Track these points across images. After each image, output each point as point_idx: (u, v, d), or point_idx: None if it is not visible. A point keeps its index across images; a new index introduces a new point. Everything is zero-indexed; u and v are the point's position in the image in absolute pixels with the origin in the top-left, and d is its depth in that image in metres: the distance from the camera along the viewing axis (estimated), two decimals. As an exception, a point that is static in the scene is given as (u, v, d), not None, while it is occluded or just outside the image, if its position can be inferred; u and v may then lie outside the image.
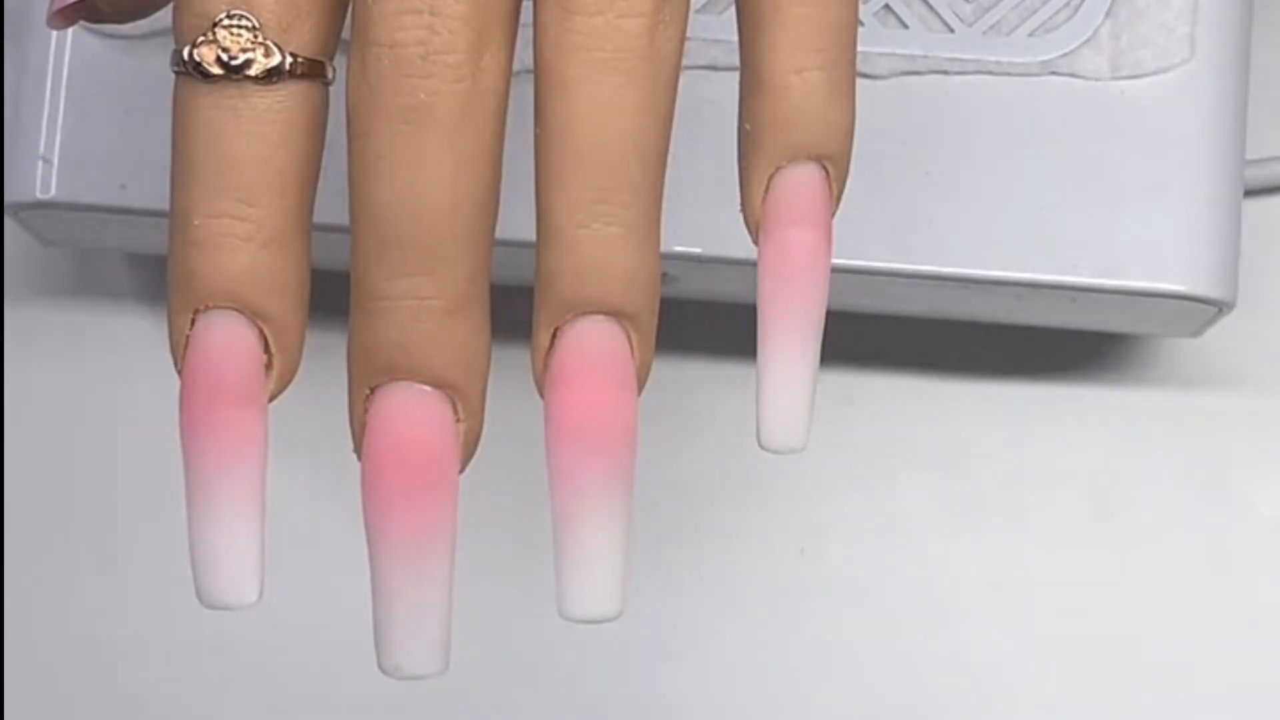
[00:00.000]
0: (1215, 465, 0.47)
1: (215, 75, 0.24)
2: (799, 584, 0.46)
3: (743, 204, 0.26)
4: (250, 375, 0.25)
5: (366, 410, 0.25)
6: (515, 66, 0.25)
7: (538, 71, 0.24)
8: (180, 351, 0.25)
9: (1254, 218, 0.43)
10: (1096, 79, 0.40)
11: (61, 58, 0.41)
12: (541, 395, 0.25)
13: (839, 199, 0.26)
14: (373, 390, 0.24)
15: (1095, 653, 0.46)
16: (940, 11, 0.41)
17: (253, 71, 0.24)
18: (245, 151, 0.24)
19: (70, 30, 0.40)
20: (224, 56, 0.24)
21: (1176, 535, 0.47)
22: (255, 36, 0.24)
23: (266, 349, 0.25)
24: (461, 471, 0.25)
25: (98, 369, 0.48)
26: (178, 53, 0.24)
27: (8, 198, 0.41)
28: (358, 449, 0.25)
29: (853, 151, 0.26)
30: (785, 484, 0.47)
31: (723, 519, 0.47)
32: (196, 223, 0.24)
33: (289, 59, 0.24)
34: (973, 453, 0.47)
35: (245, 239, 0.24)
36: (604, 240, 0.24)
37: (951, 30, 0.41)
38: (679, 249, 0.40)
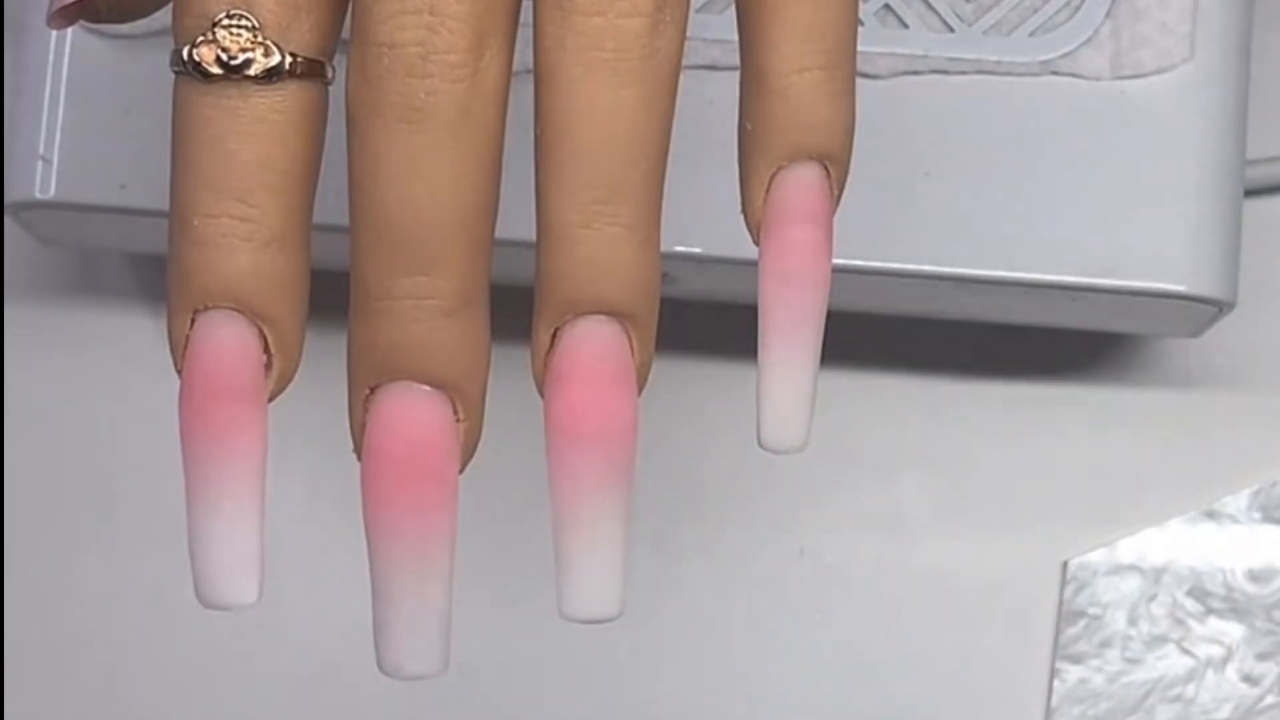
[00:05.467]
0: (1215, 465, 0.47)
1: (215, 75, 0.24)
2: (799, 584, 0.46)
3: (743, 204, 0.26)
4: (250, 375, 0.25)
5: (366, 410, 0.25)
6: (515, 66, 0.25)
7: (538, 71, 0.24)
8: (180, 351, 0.25)
9: (1254, 218, 0.43)
10: (1097, 79, 0.40)
11: (61, 58, 0.41)
12: (541, 395, 0.25)
13: (839, 198, 0.26)
14: (372, 390, 0.24)
15: (1095, 653, 0.46)
16: (940, 11, 0.41)
17: (252, 71, 0.24)
18: (245, 151, 0.24)
19: (70, 30, 0.40)
20: (223, 56, 0.24)
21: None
22: (255, 36, 0.24)
23: (266, 349, 0.25)
24: (461, 471, 0.25)
25: (98, 369, 0.48)
26: (177, 53, 0.24)
27: (8, 198, 0.41)
28: (358, 449, 0.25)
29: (853, 151, 0.26)
30: (785, 484, 0.47)
31: (723, 519, 0.47)
32: (196, 223, 0.24)
33: (288, 59, 0.24)
34: (973, 453, 0.47)
35: (245, 239, 0.24)
36: (604, 240, 0.24)
37: (952, 30, 0.41)
38: (679, 249, 0.40)
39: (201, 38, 0.24)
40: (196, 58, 0.24)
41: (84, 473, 0.48)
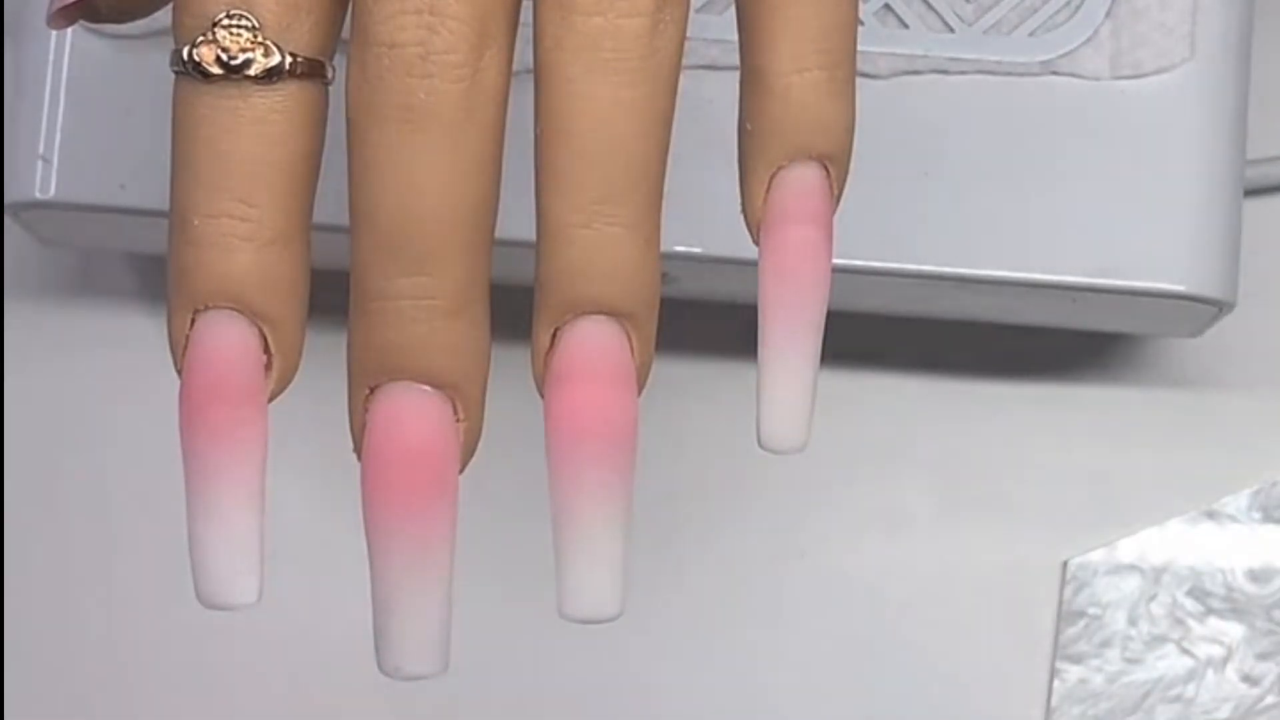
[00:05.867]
0: (1215, 465, 0.47)
1: (215, 75, 0.24)
2: (799, 584, 0.46)
3: (743, 204, 0.26)
4: (250, 375, 0.25)
5: (366, 410, 0.25)
6: (515, 66, 0.25)
7: (538, 71, 0.24)
8: (180, 352, 0.25)
9: (1254, 218, 0.43)
10: (1097, 79, 0.40)
11: (61, 58, 0.41)
12: (541, 395, 0.25)
13: (839, 198, 0.26)
14: (372, 390, 0.24)
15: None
16: (940, 11, 0.41)
17: (252, 71, 0.24)
18: (245, 151, 0.24)
19: (70, 30, 0.40)
20: (224, 56, 0.24)
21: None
22: (255, 36, 0.24)
23: (266, 349, 0.25)
24: (461, 471, 0.25)
25: (98, 369, 0.48)
26: (177, 53, 0.24)
27: (8, 198, 0.41)
28: (357, 449, 0.25)
29: (853, 151, 0.26)
30: (785, 484, 0.47)
31: (723, 519, 0.47)
32: (196, 223, 0.24)
33: (289, 59, 0.24)
34: (973, 453, 0.47)
35: (245, 239, 0.24)
36: (604, 240, 0.24)
37: (951, 30, 0.41)
38: (679, 249, 0.40)
39: (201, 38, 0.24)
40: (196, 58, 0.24)
41: (84, 473, 0.48)
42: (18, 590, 0.47)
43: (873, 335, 0.46)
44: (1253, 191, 0.46)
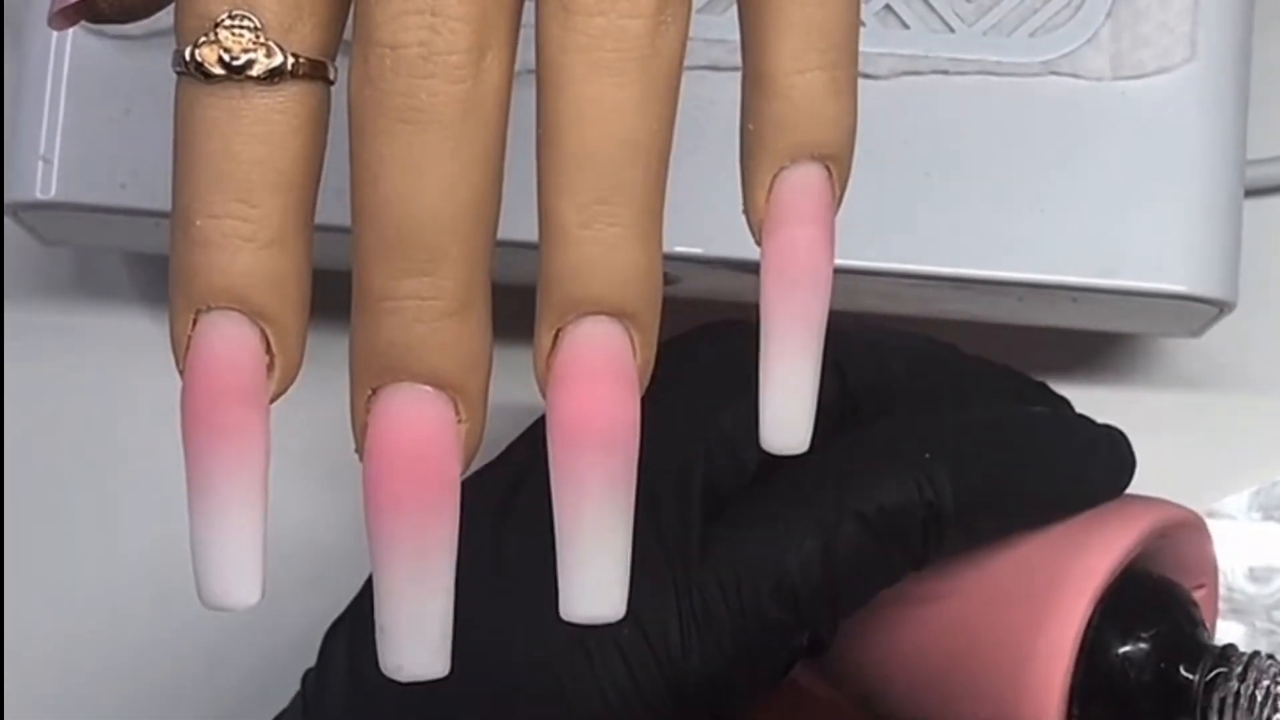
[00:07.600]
0: (1215, 465, 0.47)
1: (217, 75, 0.24)
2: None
3: (745, 204, 0.26)
4: (252, 376, 0.25)
5: (368, 411, 0.25)
6: (517, 66, 0.25)
7: (540, 72, 0.24)
8: (182, 352, 0.25)
9: (1254, 218, 0.43)
10: (1097, 79, 0.40)
11: (61, 58, 0.41)
12: (544, 396, 0.25)
13: (841, 199, 0.26)
14: (374, 391, 0.24)
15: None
16: (941, 11, 0.41)
17: (255, 72, 0.24)
18: (247, 152, 0.24)
19: (70, 30, 0.40)
20: (226, 57, 0.24)
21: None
22: (257, 37, 0.24)
23: (268, 349, 0.25)
24: (463, 472, 0.25)
25: (98, 369, 0.48)
26: (179, 53, 0.24)
27: (8, 198, 0.41)
28: (359, 450, 0.25)
29: (854, 151, 0.26)
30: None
31: (723, 519, 0.47)
32: (198, 223, 0.24)
33: (291, 59, 0.24)
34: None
35: (247, 239, 0.24)
36: (606, 240, 0.24)
37: (952, 30, 0.41)
38: (680, 249, 0.40)
39: (204, 38, 0.24)
40: (199, 58, 0.24)
41: (84, 472, 0.48)
42: (18, 590, 0.47)
43: (873, 335, 0.46)
44: (1253, 191, 0.46)
